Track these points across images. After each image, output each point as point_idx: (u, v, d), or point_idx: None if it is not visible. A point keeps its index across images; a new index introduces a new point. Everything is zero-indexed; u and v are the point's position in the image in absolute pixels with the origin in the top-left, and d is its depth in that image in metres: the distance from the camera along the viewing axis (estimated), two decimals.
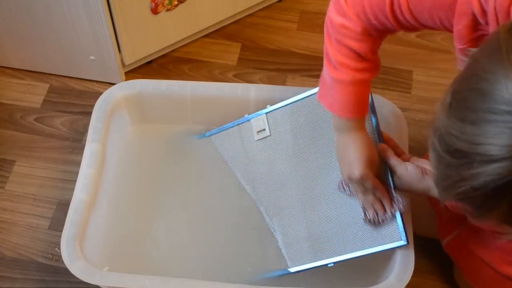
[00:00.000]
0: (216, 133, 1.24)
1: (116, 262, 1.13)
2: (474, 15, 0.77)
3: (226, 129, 1.23)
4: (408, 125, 1.18)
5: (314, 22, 1.58)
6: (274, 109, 1.16)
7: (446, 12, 0.81)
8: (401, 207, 1.01)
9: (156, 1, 1.36)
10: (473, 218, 0.70)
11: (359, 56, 0.93)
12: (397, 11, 0.86)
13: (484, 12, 0.75)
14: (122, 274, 1.02)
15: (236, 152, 1.21)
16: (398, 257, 1.02)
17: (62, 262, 1.03)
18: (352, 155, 0.99)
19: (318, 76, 1.48)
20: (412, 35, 1.55)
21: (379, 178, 1.01)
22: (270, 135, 1.17)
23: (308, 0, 1.63)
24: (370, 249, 1.03)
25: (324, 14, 1.02)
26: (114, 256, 1.14)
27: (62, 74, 1.50)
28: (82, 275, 1.01)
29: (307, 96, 1.13)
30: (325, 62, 0.98)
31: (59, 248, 1.05)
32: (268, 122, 1.17)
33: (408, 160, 1.02)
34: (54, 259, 1.25)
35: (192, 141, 1.27)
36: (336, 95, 0.97)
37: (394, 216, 1.01)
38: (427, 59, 1.52)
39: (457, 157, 0.64)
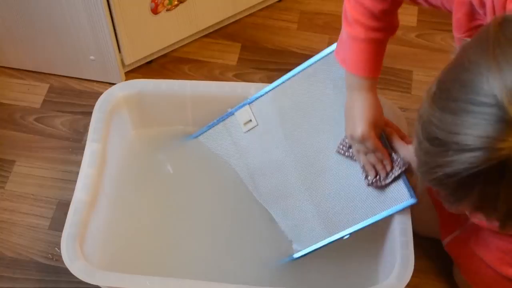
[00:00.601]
0: (204, 132, 1.24)
1: (116, 262, 1.13)
2: (472, 5, 0.78)
3: (212, 126, 1.22)
4: (408, 125, 1.18)
5: (314, 22, 1.58)
6: (256, 98, 1.16)
7: None
8: (402, 167, 1.02)
9: (156, 1, 1.36)
10: (449, 205, 0.72)
11: (373, 15, 0.95)
12: None
13: (482, 3, 0.76)
14: (122, 274, 1.02)
15: (227, 148, 1.21)
16: (398, 257, 1.02)
17: (62, 262, 1.03)
18: (358, 114, 1.00)
19: None
20: (412, 35, 1.56)
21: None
22: (257, 125, 1.17)
23: (308, 0, 1.63)
24: (382, 213, 1.03)
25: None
26: (114, 256, 1.14)
27: (62, 74, 1.50)
28: (82, 275, 1.00)
29: (287, 79, 1.13)
30: (342, 19, 1.00)
31: (59, 248, 1.04)
32: (253, 112, 1.17)
33: (410, 143, 1.03)
34: (54, 259, 1.25)
35: (192, 141, 1.27)
36: (349, 52, 0.99)
37: (396, 176, 1.02)
38: (427, 59, 1.52)
39: (435, 145, 0.66)
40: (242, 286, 1.00)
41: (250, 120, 1.17)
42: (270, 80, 1.48)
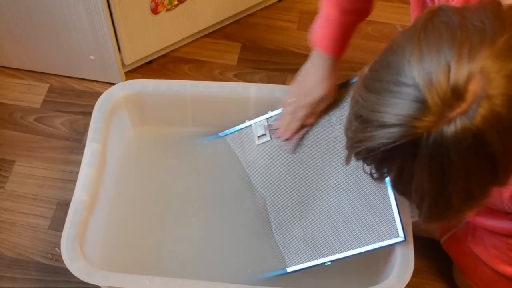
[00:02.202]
0: (231, 133, 1.24)
1: (116, 262, 1.13)
2: None
3: (236, 130, 1.23)
4: None
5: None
6: (275, 115, 1.17)
7: None
8: (287, 148, 1.13)
9: (156, 1, 1.36)
10: (377, 181, 0.77)
11: None
12: None
13: None
14: (122, 274, 1.02)
15: (236, 156, 1.22)
16: (398, 257, 1.02)
17: (62, 262, 1.03)
18: (309, 83, 1.07)
19: None
20: None
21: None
22: (270, 140, 1.18)
23: (308, 0, 1.63)
24: (367, 246, 1.03)
25: None
26: (114, 256, 1.14)
27: (62, 74, 1.50)
28: (82, 275, 1.00)
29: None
30: None
31: (59, 248, 1.04)
32: (268, 127, 1.18)
33: None
34: (54, 259, 1.25)
35: (192, 142, 1.27)
36: (319, 27, 1.05)
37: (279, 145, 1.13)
38: None
39: (359, 122, 0.71)
40: (242, 286, 1.00)
41: (264, 134, 1.18)
42: (270, 80, 1.49)
